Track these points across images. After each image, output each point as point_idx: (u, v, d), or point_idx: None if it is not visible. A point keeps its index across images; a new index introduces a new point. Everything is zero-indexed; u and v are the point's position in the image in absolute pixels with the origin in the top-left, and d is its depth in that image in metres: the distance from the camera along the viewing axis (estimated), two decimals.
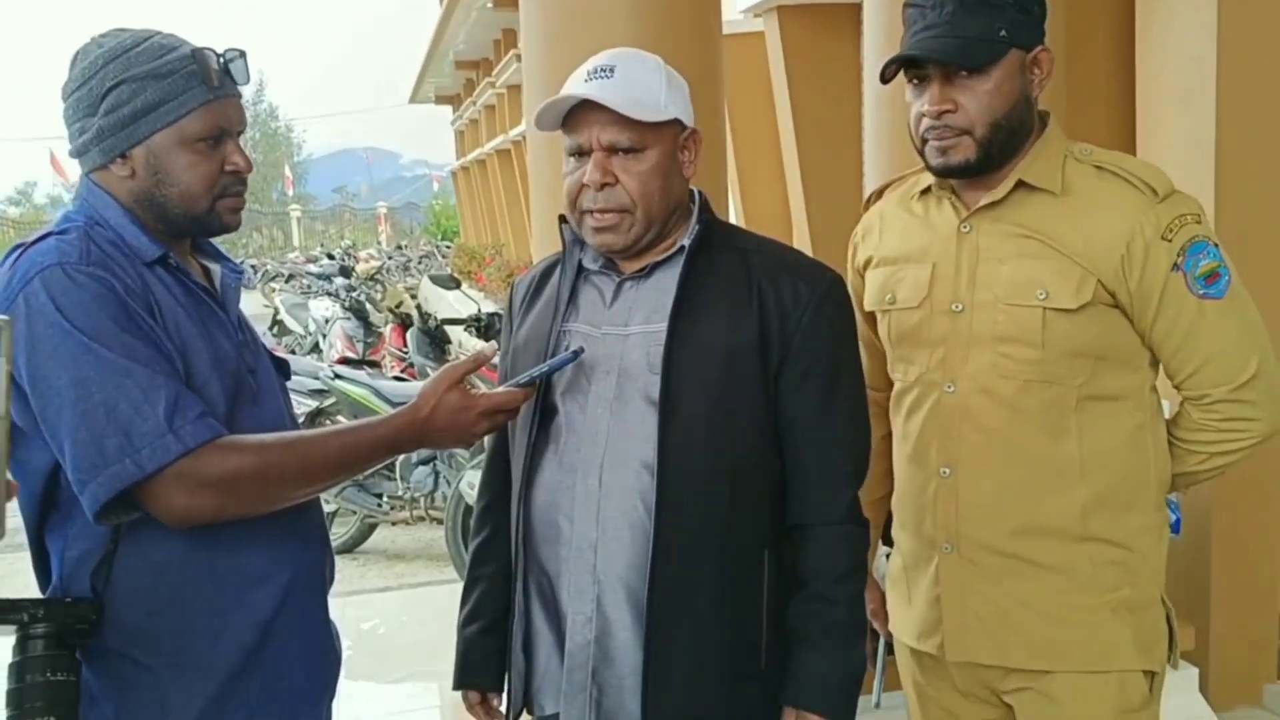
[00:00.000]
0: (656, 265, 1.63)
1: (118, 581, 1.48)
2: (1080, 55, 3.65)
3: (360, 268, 16.39)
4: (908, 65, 1.71)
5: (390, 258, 23.73)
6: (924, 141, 1.72)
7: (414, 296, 12.09)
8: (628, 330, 1.61)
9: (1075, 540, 1.72)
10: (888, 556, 2.00)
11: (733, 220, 8.83)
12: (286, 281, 18.20)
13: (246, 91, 1.61)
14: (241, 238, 40.57)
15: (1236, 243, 1.90)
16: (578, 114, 1.56)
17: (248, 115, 1.68)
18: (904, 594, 1.89)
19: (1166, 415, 1.81)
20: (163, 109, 1.50)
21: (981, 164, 1.70)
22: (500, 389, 1.59)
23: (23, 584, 1.43)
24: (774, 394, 1.58)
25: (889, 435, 1.92)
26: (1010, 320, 1.70)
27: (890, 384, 1.91)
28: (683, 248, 1.61)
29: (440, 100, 33.23)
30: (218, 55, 1.55)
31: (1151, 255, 1.65)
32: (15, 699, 1.40)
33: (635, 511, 1.56)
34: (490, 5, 16.48)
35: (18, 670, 1.41)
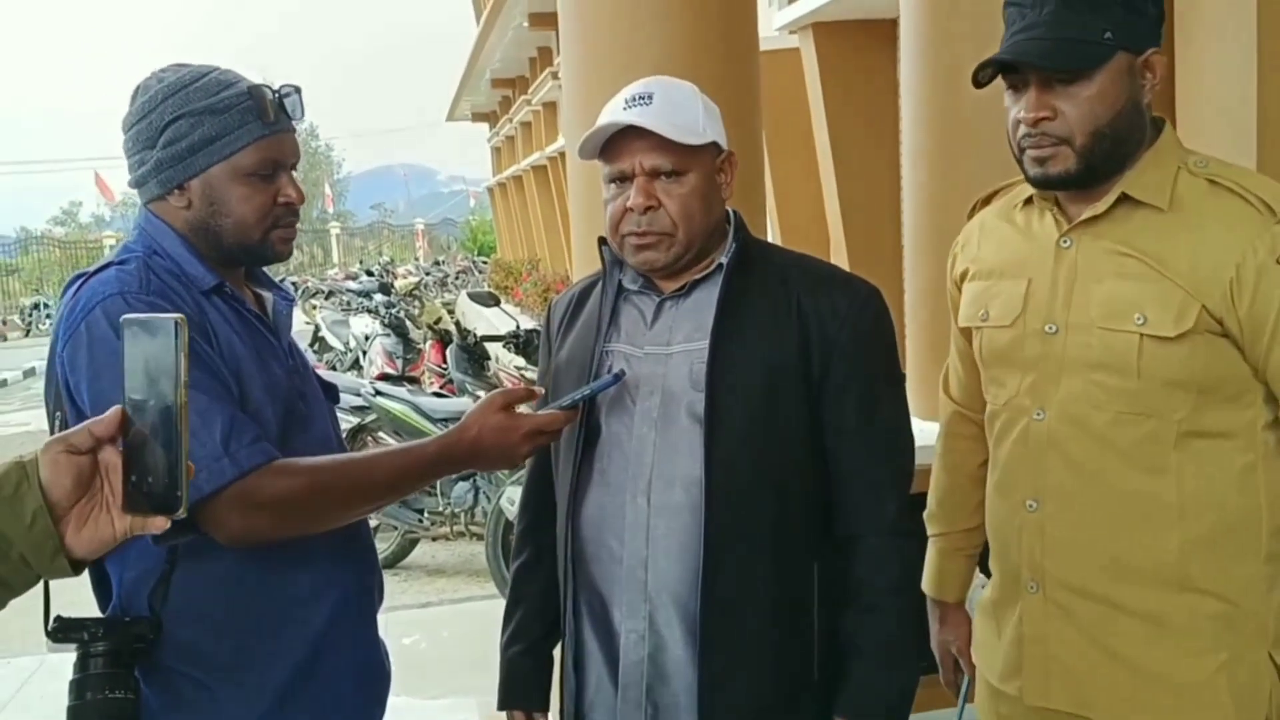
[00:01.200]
0: (695, 284, 1.65)
1: (174, 601, 1.52)
2: None
3: (399, 284, 16.56)
4: (1004, 69, 1.58)
5: (428, 273, 23.97)
6: (1021, 150, 1.60)
7: (451, 312, 12.18)
8: (670, 349, 1.63)
9: (1171, 588, 1.58)
10: (984, 588, 1.89)
11: (769, 238, 8.82)
12: (327, 298, 18.41)
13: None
14: None
15: None
16: (619, 141, 1.59)
17: None
18: (994, 628, 1.78)
19: None
20: (219, 143, 1.55)
21: (1084, 176, 1.57)
22: (544, 411, 1.62)
23: (67, 600, 1.47)
24: (816, 406, 1.61)
25: (986, 462, 1.80)
26: (1104, 346, 1.57)
27: (985, 405, 1.79)
28: (721, 265, 1.64)
29: (477, 118, 33.51)
30: (273, 91, 1.59)
31: (1265, 280, 1.49)
32: (75, 716, 1.44)
33: (684, 529, 1.58)
34: (526, 24, 16.64)
35: (78, 688, 1.45)
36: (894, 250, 4.81)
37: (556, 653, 1.81)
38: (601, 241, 1.71)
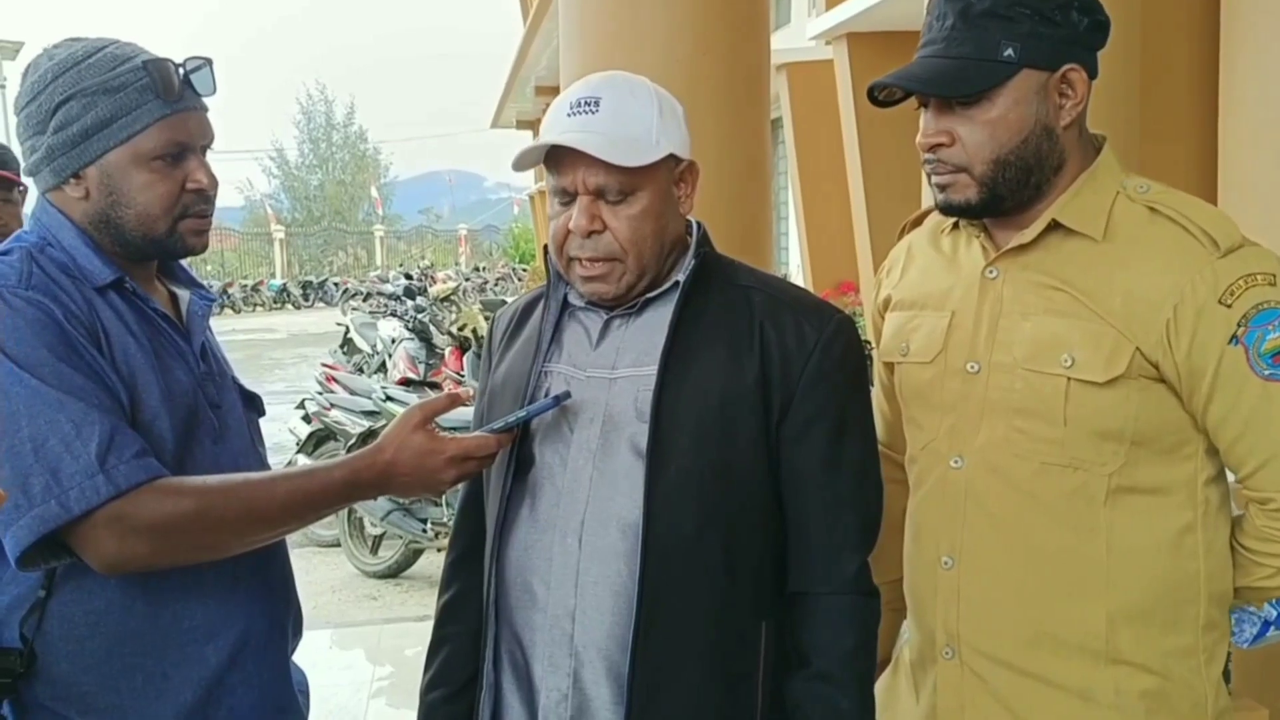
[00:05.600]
0: (648, 301, 1.47)
1: (50, 631, 1.37)
2: (1159, 84, 3.46)
3: (436, 289, 16.50)
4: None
5: (467, 279, 23.95)
6: (927, 176, 1.46)
7: (489, 318, 12.10)
8: (615, 373, 1.45)
9: (1099, 660, 1.42)
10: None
11: (794, 250, 8.64)
12: (365, 300, 18.41)
13: (337, 114, 1.48)
14: (326, 255, 41.41)
15: None
16: (563, 152, 1.39)
17: (338, 138, 1.56)
18: (912, 690, 1.62)
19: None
20: (115, 125, 1.39)
21: (989, 205, 1.43)
22: (473, 434, 1.45)
23: None
24: (775, 446, 1.42)
25: None
26: (1028, 389, 1.42)
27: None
28: (678, 283, 1.45)
29: (521, 125, 33.53)
30: (177, 66, 1.43)
31: (1204, 323, 1.33)
32: None
33: (619, 576, 1.39)
34: None
35: None
36: None
37: None
38: (547, 250, 1.53)
